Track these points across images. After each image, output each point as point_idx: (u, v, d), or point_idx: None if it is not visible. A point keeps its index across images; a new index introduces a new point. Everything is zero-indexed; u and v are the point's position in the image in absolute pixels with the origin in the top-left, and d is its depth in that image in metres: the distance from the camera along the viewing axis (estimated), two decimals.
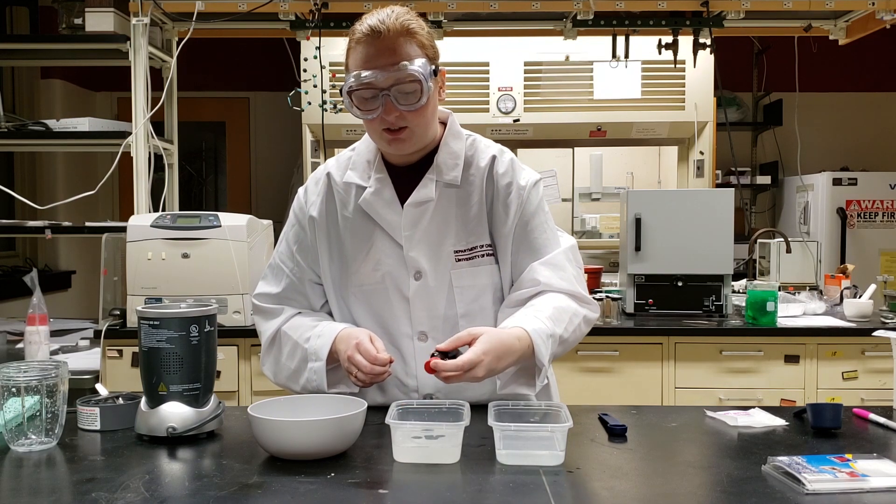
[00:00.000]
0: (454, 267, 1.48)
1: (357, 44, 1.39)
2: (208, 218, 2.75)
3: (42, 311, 2.39)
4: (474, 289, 1.49)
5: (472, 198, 1.50)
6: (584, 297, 1.52)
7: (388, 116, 1.39)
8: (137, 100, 3.15)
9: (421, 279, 1.48)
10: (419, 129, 1.43)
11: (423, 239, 1.48)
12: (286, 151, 5.09)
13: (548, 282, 1.48)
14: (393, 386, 1.52)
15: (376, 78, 1.36)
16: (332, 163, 1.58)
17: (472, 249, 1.49)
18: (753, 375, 2.91)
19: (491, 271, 1.51)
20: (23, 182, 4.60)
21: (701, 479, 1.17)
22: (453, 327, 1.48)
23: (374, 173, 1.50)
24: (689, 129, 3.95)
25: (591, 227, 4.37)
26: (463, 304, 1.49)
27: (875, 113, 5.29)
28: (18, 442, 1.27)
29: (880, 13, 3.23)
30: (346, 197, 1.52)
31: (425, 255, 1.48)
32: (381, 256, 1.49)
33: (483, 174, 1.51)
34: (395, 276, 1.49)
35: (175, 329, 1.32)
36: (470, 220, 1.50)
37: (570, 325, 1.46)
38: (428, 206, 1.48)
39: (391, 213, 1.48)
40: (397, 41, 1.37)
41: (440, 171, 1.49)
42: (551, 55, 3.89)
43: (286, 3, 3.20)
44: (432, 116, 1.47)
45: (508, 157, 1.54)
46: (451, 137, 1.52)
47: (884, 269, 4.48)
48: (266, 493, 1.07)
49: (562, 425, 1.20)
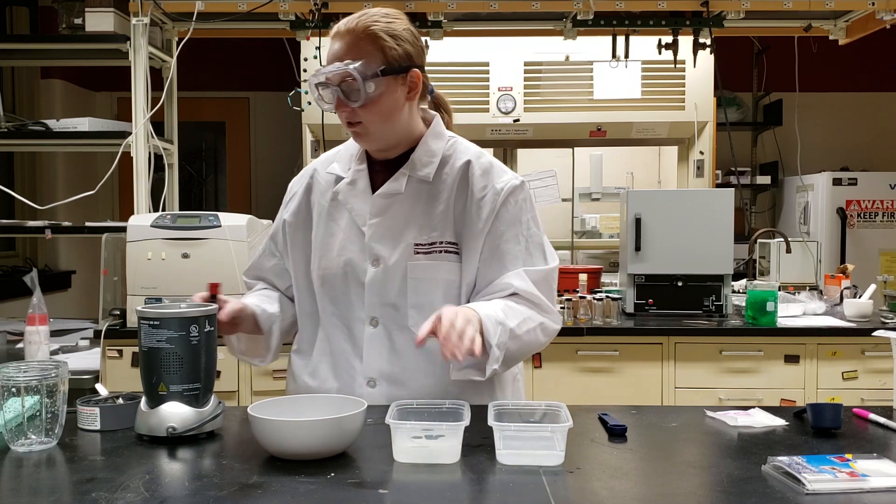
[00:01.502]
0: (412, 258, 1.52)
1: (330, 40, 1.50)
2: (208, 218, 2.75)
3: (42, 311, 2.39)
4: (428, 282, 1.52)
5: (442, 195, 1.54)
6: (546, 305, 1.53)
7: (338, 111, 1.47)
8: (137, 100, 3.15)
9: (378, 266, 1.52)
10: (373, 126, 1.48)
11: (386, 228, 1.52)
12: (286, 151, 5.09)
13: (522, 289, 1.50)
14: (342, 366, 1.56)
15: (328, 74, 1.44)
16: (321, 157, 1.68)
17: (432, 245, 1.52)
18: (753, 375, 2.91)
19: (450, 268, 1.53)
20: (23, 182, 4.59)
21: (701, 479, 1.17)
22: (403, 316, 1.52)
23: (355, 165, 1.57)
24: (689, 129, 3.95)
25: (591, 227, 4.37)
26: (415, 296, 1.52)
27: (875, 113, 5.29)
28: (18, 442, 1.27)
29: (880, 13, 3.23)
30: (326, 187, 1.60)
31: (385, 243, 1.52)
32: (346, 243, 1.55)
33: (457, 176, 1.54)
34: (354, 263, 1.54)
35: (175, 329, 1.32)
36: (435, 215, 1.53)
37: (524, 325, 1.47)
38: (396, 198, 1.52)
39: (360, 202, 1.54)
40: (354, 40, 1.45)
41: (414, 166, 1.53)
42: (551, 55, 3.89)
43: (286, 3, 3.20)
44: (389, 116, 1.48)
45: (487, 161, 1.57)
46: (431, 137, 1.57)
47: (884, 269, 4.48)
48: (266, 493, 1.07)
49: (562, 425, 1.20)
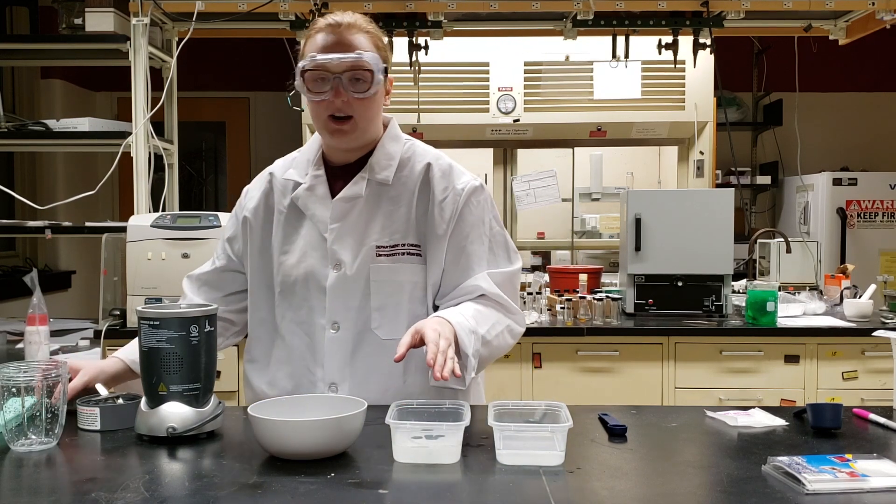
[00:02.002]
0: (374, 261, 1.52)
1: (316, 33, 1.49)
2: (208, 218, 2.75)
3: (42, 311, 2.39)
4: (391, 284, 1.53)
5: (402, 198, 1.55)
6: (512, 307, 1.56)
7: (336, 100, 1.45)
8: (137, 100, 3.15)
9: (340, 270, 1.52)
10: (362, 122, 1.49)
11: (348, 232, 1.52)
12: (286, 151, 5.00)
13: (490, 291, 1.53)
14: (301, 374, 1.55)
15: (331, 62, 1.44)
16: (278, 162, 1.68)
17: (394, 247, 1.53)
18: (753, 375, 2.91)
19: (413, 270, 1.53)
20: (23, 182, 4.59)
21: (701, 479, 1.17)
22: (366, 319, 1.52)
23: (312, 170, 1.56)
24: (689, 129, 3.95)
25: (591, 227, 4.37)
26: (378, 298, 1.52)
27: (875, 113, 5.29)
28: (18, 442, 1.27)
29: (880, 13, 3.23)
30: (283, 193, 1.59)
31: (347, 247, 1.52)
32: (308, 249, 1.54)
33: (418, 179, 1.55)
34: (316, 269, 1.53)
35: (175, 329, 1.31)
36: (396, 218, 1.54)
37: (494, 330, 1.51)
38: (356, 201, 1.53)
39: (321, 208, 1.54)
40: (354, 34, 1.47)
41: (372, 169, 1.54)
42: (551, 55, 3.89)
43: (286, 3, 3.20)
44: (376, 114, 1.53)
45: (446, 162, 1.58)
46: (388, 140, 1.57)
47: (884, 269, 4.48)
48: (266, 493, 1.07)
49: (562, 425, 1.20)
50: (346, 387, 1.52)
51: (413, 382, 1.52)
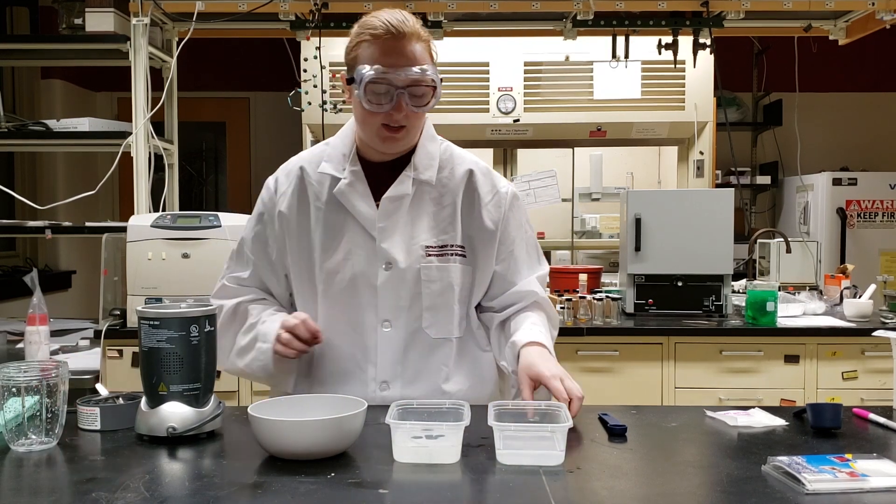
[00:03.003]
0: (424, 261, 1.53)
1: (375, 38, 1.43)
2: (208, 218, 2.75)
3: (42, 311, 2.39)
4: (441, 284, 1.54)
5: (445, 199, 1.56)
6: (553, 310, 1.66)
7: (397, 114, 1.44)
8: (137, 100, 3.15)
9: (391, 269, 1.52)
10: (413, 131, 1.51)
11: (396, 231, 1.52)
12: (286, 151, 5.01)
13: (542, 297, 1.61)
14: (352, 373, 1.55)
15: (396, 75, 1.41)
16: (304, 156, 1.62)
17: (444, 248, 1.54)
18: (753, 375, 2.91)
19: (460, 271, 1.56)
20: (23, 182, 4.60)
21: (701, 479, 1.17)
22: (417, 318, 1.54)
23: (349, 166, 1.54)
24: (688, 129, 3.95)
25: (591, 227, 4.37)
26: (429, 298, 1.53)
27: (875, 113, 5.29)
28: (18, 442, 1.27)
29: (880, 13, 3.23)
30: (319, 188, 1.56)
31: (397, 246, 1.52)
32: (353, 247, 1.53)
33: (461, 182, 1.57)
34: (365, 267, 1.53)
35: (175, 329, 1.31)
36: (442, 219, 1.55)
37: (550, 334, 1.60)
38: (404, 200, 1.53)
39: (364, 205, 1.52)
40: (416, 45, 1.44)
41: (416, 169, 1.54)
42: (551, 55, 3.89)
43: (286, 3, 3.20)
44: (425, 121, 1.56)
45: (484, 166, 1.63)
46: (427, 140, 1.58)
47: (884, 269, 4.48)
48: (266, 493, 1.07)
49: (562, 425, 1.20)
50: (397, 385, 1.53)
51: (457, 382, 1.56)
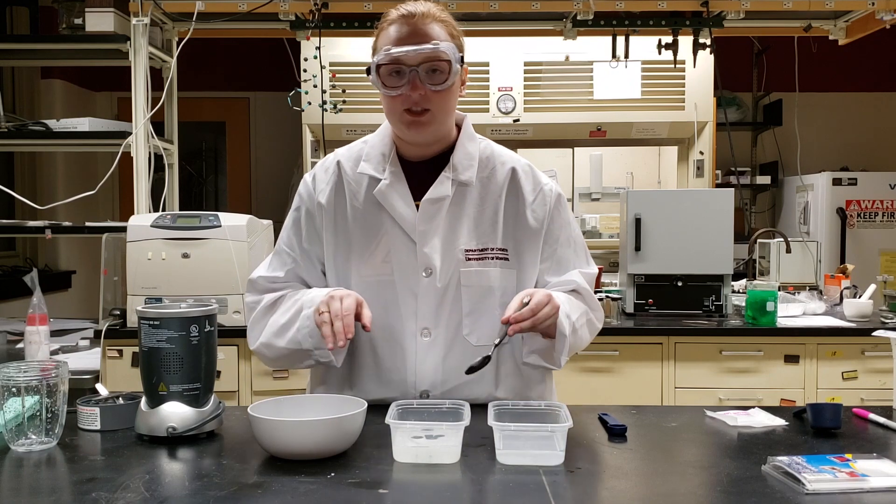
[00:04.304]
0: (463, 265, 1.49)
1: (389, 24, 1.43)
2: (208, 218, 2.75)
3: (42, 311, 2.39)
4: (481, 289, 1.50)
5: (486, 201, 1.52)
6: (596, 304, 1.62)
7: (413, 93, 1.40)
8: (137, 100, 3.15)
9: (431, 276, 1.48)
10: (440, 115, 1.45)
11: (436, 235, 1.49)
12: (286, 151, 5.09)
13: (584, 287, 1.57)
14: (392, 381, 1.51)
15: (406, 54, 1.39)
16: (342, 152, 1.57)
17: (483, 251, 1.51)
18: (753, 375, 2.91)
19: (502, 275, 1.52)
20: (23, 182, 4.60)
21: (701, 479, 1.17)
22: (457, 325, 1.50)
23: (389, 166, 1.50)
24: (688, 129, 3.95)
25: (591, 227, 4.36)
26: (468, 304, 1.50)
27: (875, 113, 5.29)
28: (18, 442, 1.27)
29: (880, 13, 3.23)
30: (357, 188, 1.52)
31: (436, 250, 1.48)
32: (392, 249, 1.49)
33: (503, 183, 1.53)
34: (404, 271, 1.49)
35: (175, 329, 1.31)
36: (482, 221, 1.51)
37: (580, 320, 1.53)
38: (444, 202, 1.49)
39: (405, 207, 1.48)
40: (429, 23, 1.42)
41: (455, 169, 1.50)
42: (551, 55, 3.89)
43: (286, 3, 3.20)
44: (453, 106, 1.49)
45: (526, 163, 1.58)
46: (466, 139, 1.54)
47: (884, 269, 4.48)
48: (266, 493, 1.07)
49: (562, 425, 1.20)
50: (437, 395, 1.49)
51: (504, 388, 1.52)
